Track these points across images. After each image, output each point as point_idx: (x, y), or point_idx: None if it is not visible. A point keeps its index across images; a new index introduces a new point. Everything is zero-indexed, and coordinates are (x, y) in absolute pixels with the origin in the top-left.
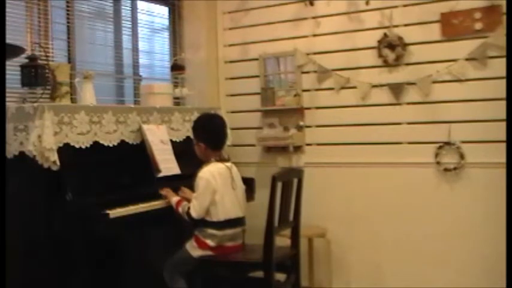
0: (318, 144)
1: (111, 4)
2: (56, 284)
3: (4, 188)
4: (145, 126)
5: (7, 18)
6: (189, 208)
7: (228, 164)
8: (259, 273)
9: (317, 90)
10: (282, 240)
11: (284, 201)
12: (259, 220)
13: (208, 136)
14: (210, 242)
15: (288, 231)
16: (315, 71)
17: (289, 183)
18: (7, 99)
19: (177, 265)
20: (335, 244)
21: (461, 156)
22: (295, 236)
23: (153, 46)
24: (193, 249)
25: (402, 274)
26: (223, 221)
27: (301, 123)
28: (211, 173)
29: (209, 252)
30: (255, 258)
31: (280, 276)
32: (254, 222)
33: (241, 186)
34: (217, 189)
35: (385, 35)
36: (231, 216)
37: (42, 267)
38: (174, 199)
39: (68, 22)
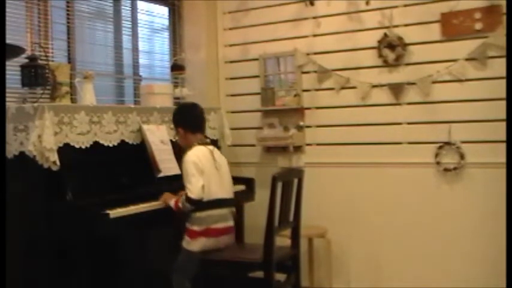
0: (318, 144)
1: (111, 4)
2: (56, 284)
3: (4, 188)
4: (145, 127)
5: (7, 18)
6: (186, 195)
7: (210, 147)
8: (260, 274)
9: (317, 90)
10: (282, 240)
11: (284, 201)
12: (260, 220)
13: (184, 119)
14: (197, 228)
15: (288, 231)
16: (315, 71)
17: (289, 183)
18: (7, 99)
19: (183, 268)
20: (335, 244)
21: (461, 156)
22: (295, 236)
23: (153, 46)
24: (188, 244)
25: (402, 274)
26: (206, 202)
27: (301, 123)
28: (196, 155)
29: (203, 240)
30: (255, 258)
31: (280, 276)
32: (254, 222)
33: (225, 168)
34: (204, 170)
35: (385, 35)
36: (215, 197)
37: (42, 267)
38: (172, 201)
39: (68, 22)
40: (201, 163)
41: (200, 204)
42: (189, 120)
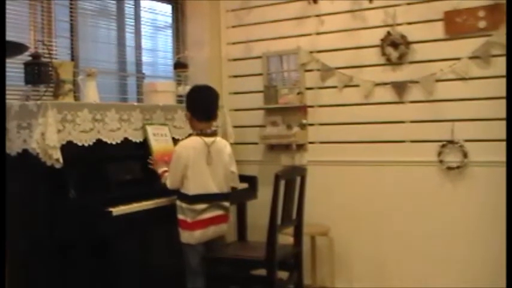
0: (321, 143)
1: (115, 2)
2: (59, 281)
3: (4, 186)
4: (149, 128)
5: (11, 16)
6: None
7: (209, 139)
8: (262, 271)
9: (320, 88)
10: (285, 238)
11: (287, 200)
12: (262, 218)
13: (192, 105)
14: (186, 218)
15: (290, 230)
16: (318, 69)
17: (292, 181)
18: (10, 96)
19: (189, 265)
20: (338, 242)
21: (465, 155)
22: (298, 234)
23: (156, 44)
24: (183, 237)
25: (405, 273)
26: (191, 196)
27: (304, 121)
28: (186, 147)
29: (191, 232)
30: (258, 256)
31: (282, 274)
32: (257, 220)
33: (222, 162)
34: (188, 164)
35: (389, 33)
36: (201, 192)
37: (44, 264)
38: (160, 170)
39: (72, 20)
40: (187, 156)
41: (185, 197)
42: (196, 107)
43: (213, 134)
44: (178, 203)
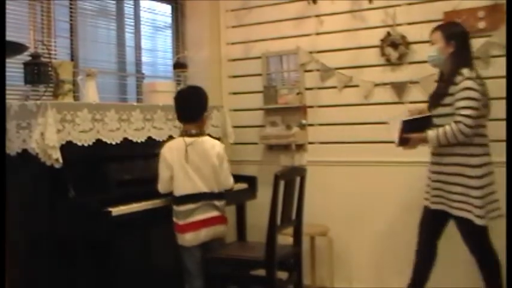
0: (321, 143)
1: (114, 2)
2: (58, 281)
3: (4, 186)
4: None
5: (10, 16)
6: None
7: (190, 139)
8: (262, 272)
9: (320, 88)
10: (284, 239)
11: (286, 200)
12: (262, 218)
13: (176, 108)
14: (178, 221)
15: (290, 230)
16: (318, 70)
17: (291, 181)
18: (10, 96)
19: (185, 266)
20: (337, 243)
21: None
22: (297, 235)
23: (155, 44)
24: (178, 238)
25: (404, 273)
26: (178, 197)
27: (304, 121)
28: (170, 148)
29: (183, 234)
30: (258, 256)
31: (282, 275)
32: (256, 221)
33: (207, 162)
34: (172, 164)
35: (388, 33)
36: (188, 192)
37: (44, 264)
38: None
39: (71, 20)
40: (170, 156)
41: (174, 199)
42: (177, 110)
43: (198, 134)
44: (172, 205)
